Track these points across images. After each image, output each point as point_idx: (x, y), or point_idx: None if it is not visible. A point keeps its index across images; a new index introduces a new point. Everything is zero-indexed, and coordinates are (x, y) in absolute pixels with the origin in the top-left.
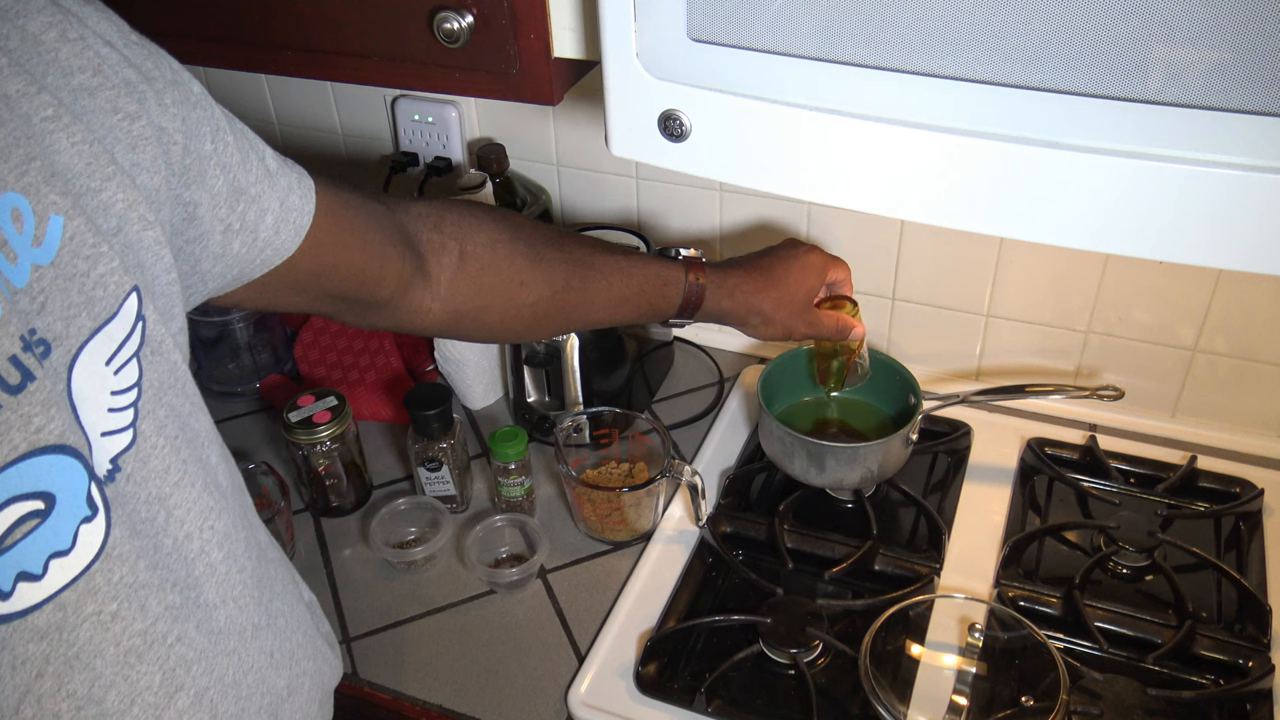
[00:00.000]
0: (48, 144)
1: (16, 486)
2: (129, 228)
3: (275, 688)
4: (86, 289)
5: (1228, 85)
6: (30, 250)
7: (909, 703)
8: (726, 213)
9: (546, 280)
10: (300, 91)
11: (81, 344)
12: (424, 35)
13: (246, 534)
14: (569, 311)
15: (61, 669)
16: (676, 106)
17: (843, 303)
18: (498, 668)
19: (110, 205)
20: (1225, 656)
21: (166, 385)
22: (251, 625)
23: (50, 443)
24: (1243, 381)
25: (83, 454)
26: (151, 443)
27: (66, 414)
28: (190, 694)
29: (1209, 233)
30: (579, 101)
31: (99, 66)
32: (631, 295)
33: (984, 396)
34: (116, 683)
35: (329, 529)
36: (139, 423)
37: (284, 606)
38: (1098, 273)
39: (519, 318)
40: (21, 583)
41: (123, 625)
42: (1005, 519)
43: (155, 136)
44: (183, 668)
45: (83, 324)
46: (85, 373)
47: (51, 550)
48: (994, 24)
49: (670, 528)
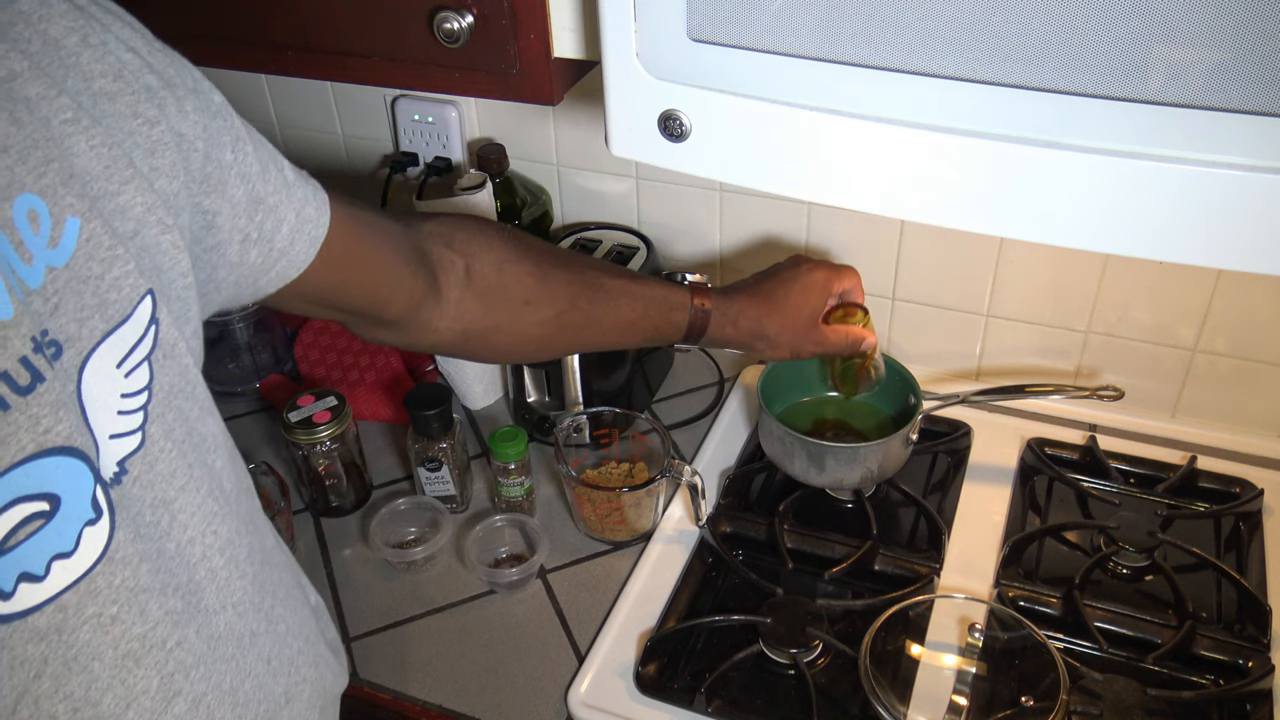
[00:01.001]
0: (66, 146)
1: (22, 487)
2: (146, 231)
3: (273, 695)
4: (100, 291)
5: (1228, 85)
6: (46, 251)
7: (909, 703)
8: (726, 213)
9: (552, 300)
10: (300, 91)
11: (93, 346)
12: (424, 35)
13: (250, 539)
14: (575, 332)
15: (59, 670)
16: (676, 106)
17: (854, 311)
18: (498, 668)
19: (128, 208)
20: (1225, 656)
21: (177, 389)
22: (250, 631)
23: (58, 444)
24: (1243, 381)
25: (90, 456)
26: (159, 446)
27: (75, 416)
28: (187, 700)
29: (1209, 233)
30: (579, 101)
31: (119, 72)
32: (638, 319)
33: (984, 396)
34: (113, 686)
35: (329, 529)
36: (148, 426)
37: (285, 612)
38: (1098, 273)
39: (526, 336)
40: (23, 583)
41: (122, 629)
42: (1005, 519)
43: (175, 142)
44: (181, 673)
45: (95, 326)
46: (96, 375)
47: (54, 552)
48: (994, 24)
49: (670, 528)
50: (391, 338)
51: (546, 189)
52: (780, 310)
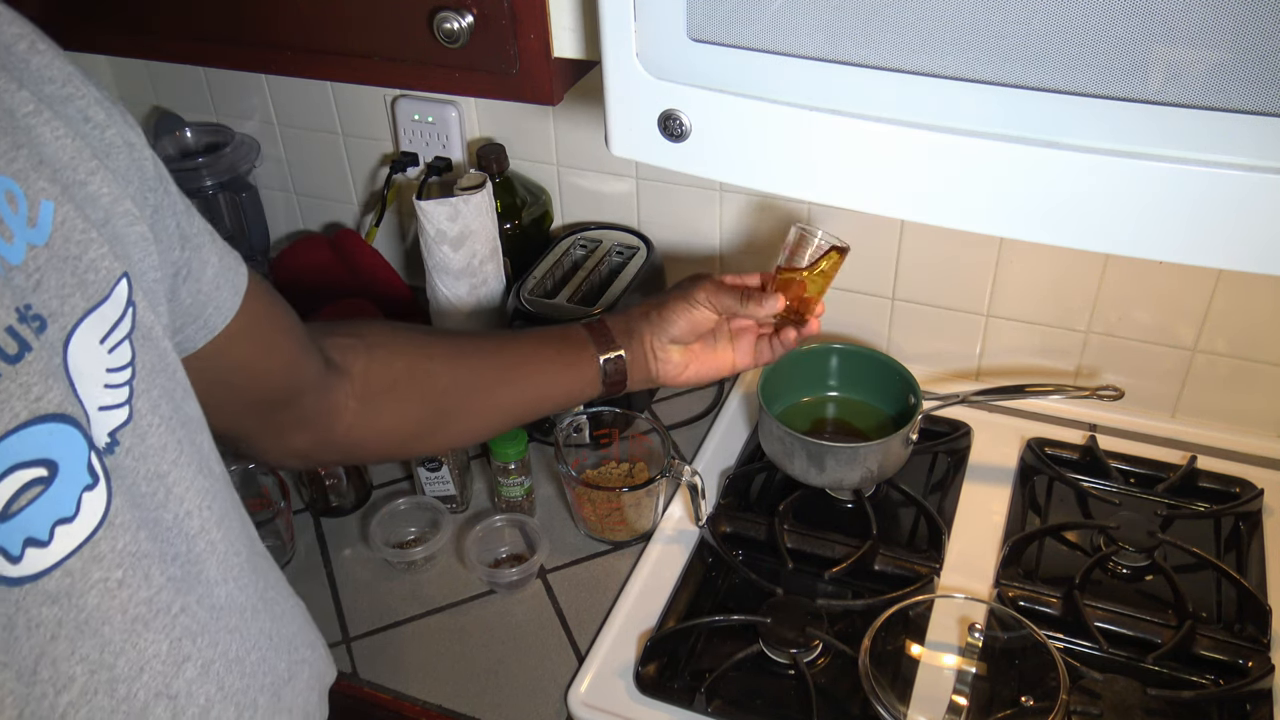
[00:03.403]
0: (34, 135)
1: (19, 454)
2: (115, 220)
3: (276, 669)
4: (79, 272)
5: (1228, 85)
6: (26, 230)
7: (909, 703)
8: (726, 213)
9: (452, 368)
10: (300, 91)
11: (76, 322)
12: (424, 35)
13: (240, 522)
14: (484, 397)
15: (73, 633)
16: (676, 106)
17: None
18: (498, 668)
19: (97, 198)
20: (1225, 656)
21: (158, 369)
22: (250, 606)
23: (50, 411)
24: (1243, 381)
25: (81, 424)
26: (147, 421)
27: (64, 385)
28: (197, 665)
29: (1209, 233)
30: (579, 101)
31: (68, 78)
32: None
33: (984, 396)
34: (125, 650)
35: (329, 529)
36: (134, 401)
37: (278, 595)
38: (1098, 273)
39: (437, 409)
40: (30, 548)
41: (129, 593)
42: (1005, 519)
43: (126, 149)
44: (188, 638)
45: (76, 303)
46: (81, 349)
47: (57, 517)
48: (994, 24)
49: (670, 528)
50: (303, 434)
51: (546, 189)
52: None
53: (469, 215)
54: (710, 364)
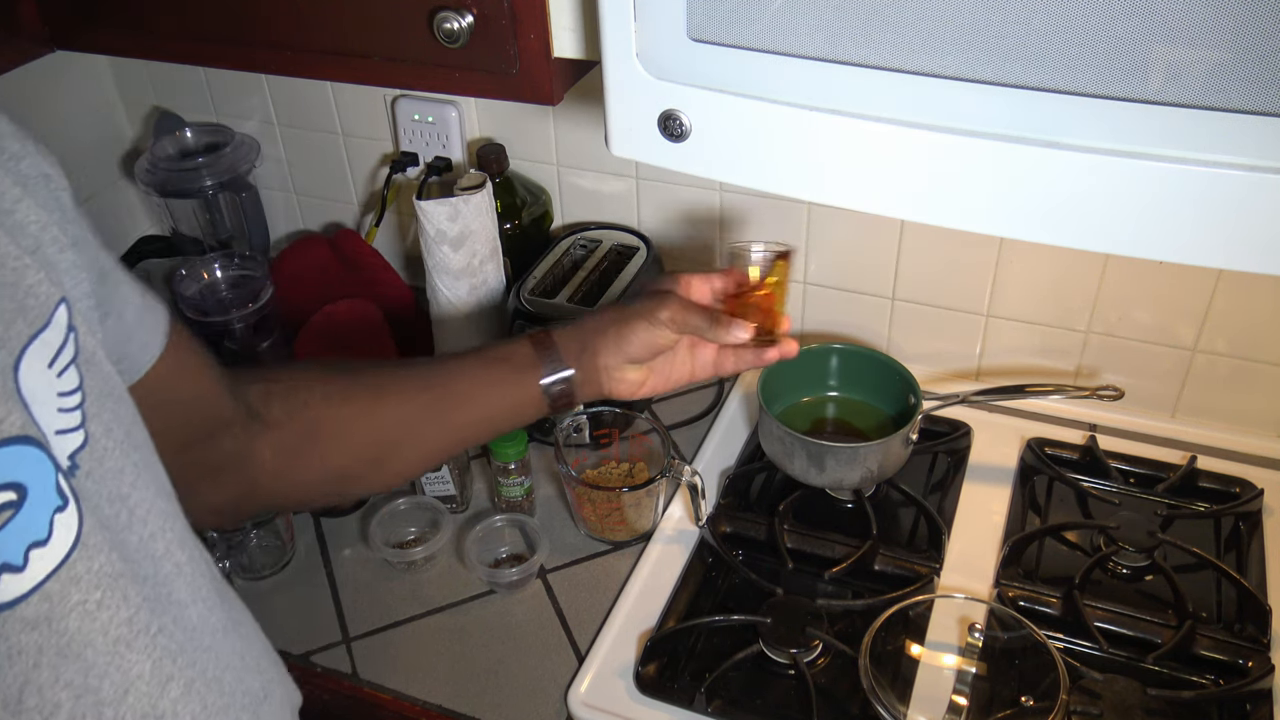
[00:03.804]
0: None
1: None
2: (46, 247)
3: (252, 689)
4: (18, 298)
5: (1228, 85)
6: None
7: (909, 703)
8: (726, 213)
9: (371, 412)
10: (300, 91)
11: (23, 347)
12: (424, 35)
13: (197, 546)
14: (413, 436)
15: (55, 659)
16: (676, 106)
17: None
18: (498, 668)
19: (25, 225)
20: (1225, 656)
21: (106, 393)
22: (221, 626)
23: (13, 434)
24: (1243, 381)
25: (45, 446)
26: (103, 445)
27: (21, 409)
28: (180, 684)
29: (1209, 232)
30: (579, 101)
31: None
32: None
33: (984, 396)
34: (110, 672)
35: (329, 529)
36: (88, 424)
37: (242, 618)
38: (1098, 273)
39: (359, 457)
40: (5, 574)
41: (109, 614)
42: (1005, 519)
43: (43, 181)
44: (169, 658)
45: (20, 329)
46: (30, 373)
47: (30, 540)
48: (994, 24)
49: (670, 528)
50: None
51: (546, 189)
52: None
53: (469, 215)
54: (668, 378)
